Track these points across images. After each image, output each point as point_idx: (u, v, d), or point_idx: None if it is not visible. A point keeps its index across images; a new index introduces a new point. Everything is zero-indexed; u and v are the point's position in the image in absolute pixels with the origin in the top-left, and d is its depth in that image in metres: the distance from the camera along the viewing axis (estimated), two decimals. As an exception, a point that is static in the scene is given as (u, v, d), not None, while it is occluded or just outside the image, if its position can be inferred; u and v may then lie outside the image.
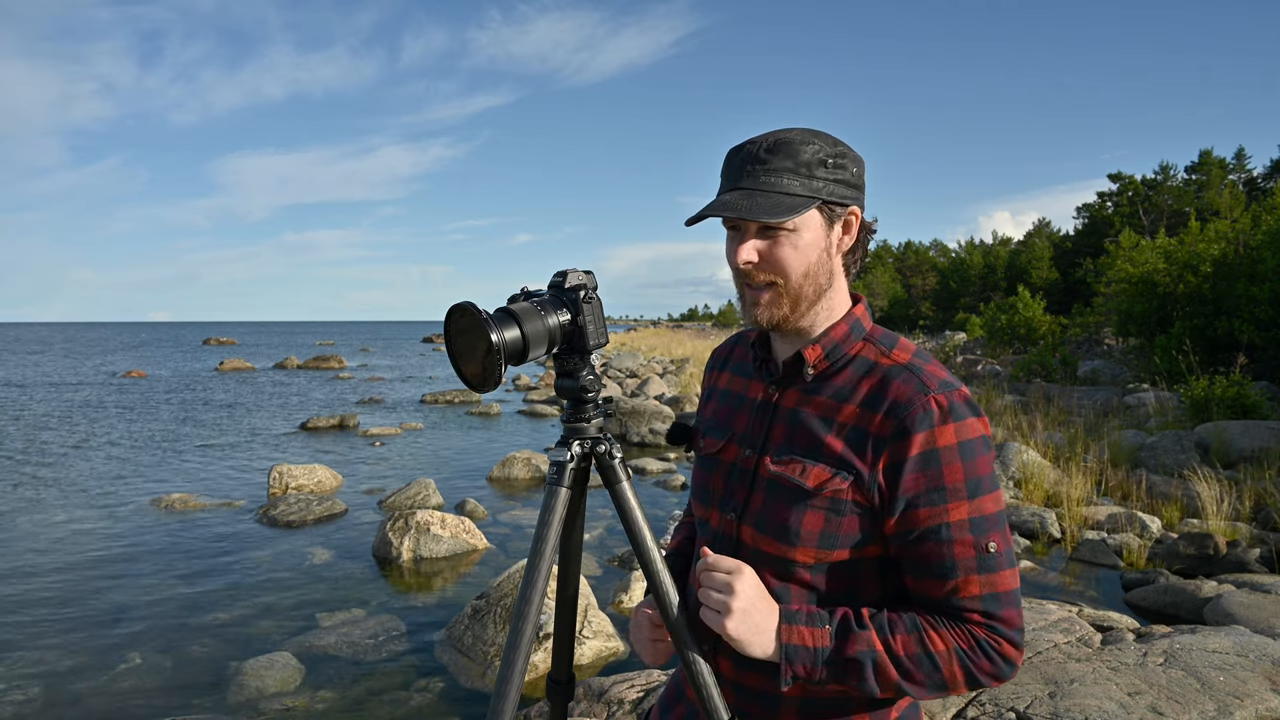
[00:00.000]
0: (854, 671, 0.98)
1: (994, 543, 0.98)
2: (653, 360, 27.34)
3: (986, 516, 0.99)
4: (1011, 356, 21.50)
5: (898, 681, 0.97)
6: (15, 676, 4.15)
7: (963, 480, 0.98)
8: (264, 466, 9.78)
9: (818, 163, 1.03)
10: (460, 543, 6.28)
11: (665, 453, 10.75)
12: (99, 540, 6.74)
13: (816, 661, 0.99)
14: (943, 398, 0.99)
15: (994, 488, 1.00)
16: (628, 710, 3.11)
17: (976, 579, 0.98)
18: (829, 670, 0.99)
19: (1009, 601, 0.99)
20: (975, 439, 1.00)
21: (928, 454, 0.98)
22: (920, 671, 0.97)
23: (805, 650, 0.99)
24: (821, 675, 0.99)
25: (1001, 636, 0.98)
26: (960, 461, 0.98)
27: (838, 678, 0.99)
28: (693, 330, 70.83)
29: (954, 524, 0.98)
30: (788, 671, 0.99)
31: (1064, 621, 3.46)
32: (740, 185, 1.03)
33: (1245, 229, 15.34)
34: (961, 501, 0.98)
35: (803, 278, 1.05)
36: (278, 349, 49.11)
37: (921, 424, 0.98)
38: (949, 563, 0.98)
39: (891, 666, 0.97)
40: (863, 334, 1.10)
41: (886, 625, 0.99)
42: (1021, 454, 7.82)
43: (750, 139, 1.07)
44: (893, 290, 54.68)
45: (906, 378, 1.02)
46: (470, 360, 1.05)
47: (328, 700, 3.90)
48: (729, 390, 1.24)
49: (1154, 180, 37.49)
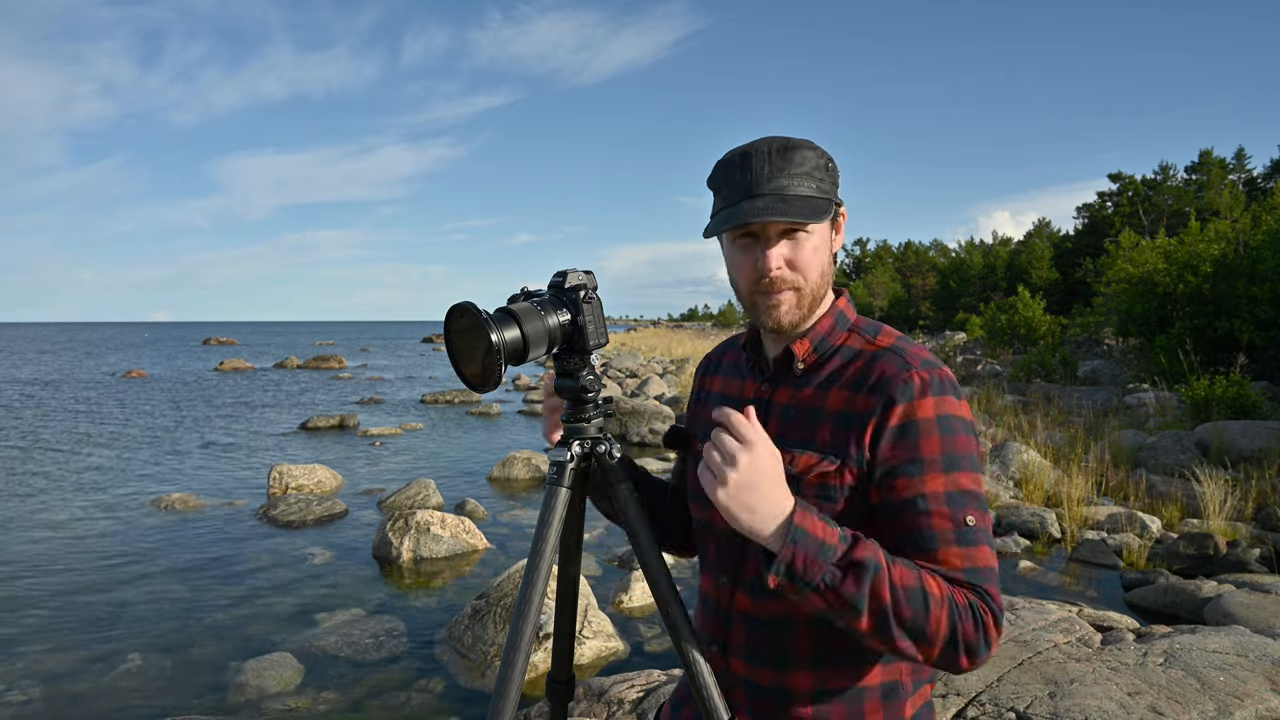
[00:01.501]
0: (853, 576, 0.90)
1: (972, 517, 0.97)
2: (653, 360, 27.34)
3: (964, 491, 0.98)
4: (1011, 356, 21.52)
5: (887, 606, 0.90)
6: (15, 676, 4.15)
7: (940, 453, 0.98)
8: (264, 466, 9.78)
9: (821, 167, 1.07)
10: (460, 543, 6.28)
11: (665, 453, 10.75)
12: (99, 540, 6.74)
13: (821, 554, 0.91)
14: (925, 373, 1.02)
15: (973, 468, 1.00)
16: (628, 710, 3.11)
17: (957, 550, 0.96)
18: (829, 571, 0.91)
19: (990, 577, 0.97)
20: (955, 416, 1.00)
21: (906, 424, 0.99)
22: (909, 606, 0.91)
23: (813, 539, 0.91)
24: (817, 573, 0.91)
25: (988, 607, 0.94)
26: (938, 434, 0.99)
27: (832, 581, 0.91)
28: (693, 330, 70.84)
29: (930, 495, 0.97)
30: (788, 553, 0.91)
31: (1064, 621, 3.46)
32: (763, 191, 1.04)
33: (1245, 229, 15.34)
34: (938, 474, 0.98)
35: (819, 278, 1.08)
36: (278, 349, 49.13)
37: (902, 396, 1.00)
38: (927, 534, 0.97)
39: (887, 588, 0.90)
40: (847, 324, 1.13)
41: (889, 557, 0.94)
42: (1021, 454, 7.82)
43: (749, 146, 1.07)
44: (893, 290, 54.70)
45: (890, 358, 1.04)
46: (470, 360, 1.05)
47: (328, 700, 3.90)
48: (723, 393, 1.25)
49: (1154, 180, 37.51)
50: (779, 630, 1.09)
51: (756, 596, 1.10)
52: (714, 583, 1.18)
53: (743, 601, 1.12)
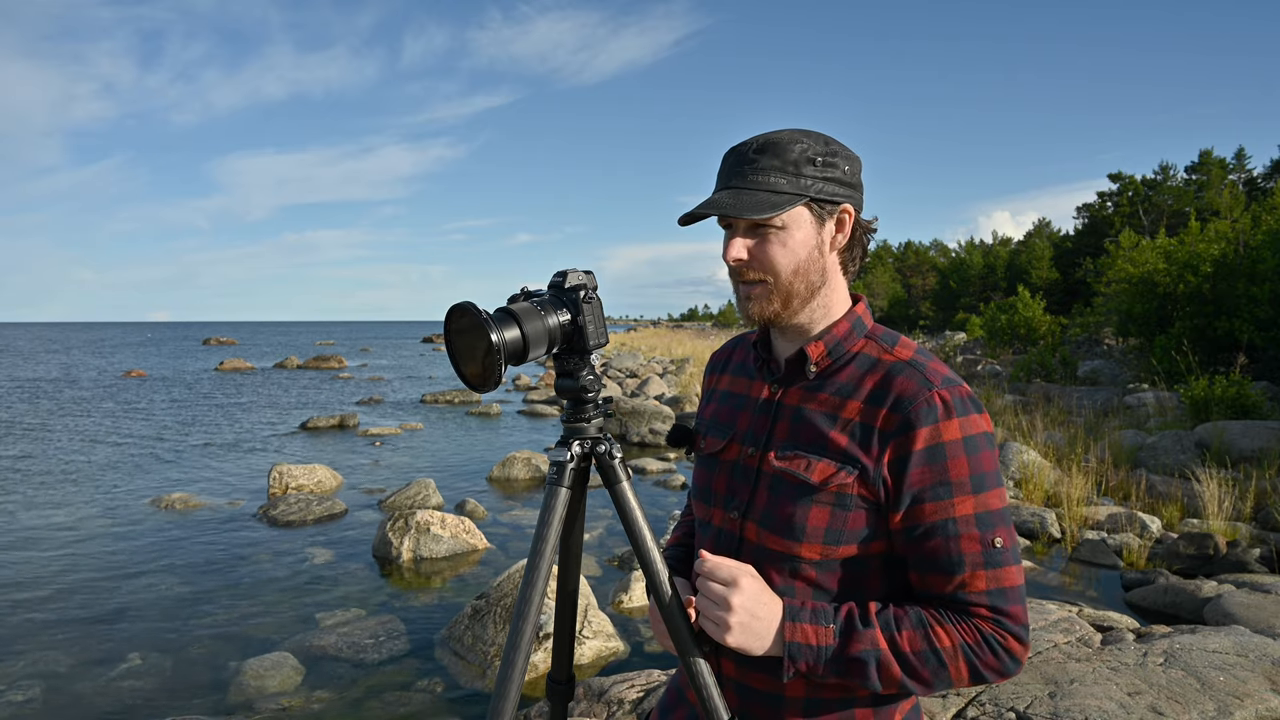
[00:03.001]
0: (857, 670, 0.98)
1: (1000, 538, 0.98)
2: (653, 360, 27.33)
3: (992, 512, 0.99)
4: (1011, 356, 21.51)
5: (901, 679, 0.98)
6: (15, 676, 4.15)
7: (968, 475, 0.98)
8: (264, 466, 9.78)
9: (805, 160, 1.03)
10: (460, 543, 6.28)
11: (665, 453, 10.75)
12: (99, 540, 6.74)
13: (819, 660, 0.99)
14: (946, 393, 1.00)
15: (999, 484, 1.00)
16: (628, 710, 3.11)
17: (983, 574, 0.98)
18: (832, 668, 0.99)
19: (1015, 597, 0.98)
20: (979, 435, 1.00)
21: (933, 449, 0.98)
22: (926, 668, 0.97)
23: (808, 649, 0.99)
24: (824, 672, 1.00)
25: (1008, 632, 0.98)
26: (965, 456, 0.98)
27: (841, 674, 0.99)
28: (693, 330, 70.82)
29: (960, 519, 0.98)
30: (790, 668, 1.00)
31: (1064, 621, 3.46)
32: (730, 185, 1.05)
33: (1245, 229, 15.33)
34: (967, 496, 0.98)
35: (792, 275, 1.06)
36: (278, 349, 49.13)
37: (926, 419, 0.98)
38: (955, 558, 0.98)
39: (895, 664, 0.97)
40: (864, 332, 1.11)
41: (892, 621, 0.99)
42: (1021, 454, 7.82)
43: (745, 140, 1.08)
44: (893, 290, 54.68)
45: (910, 374, 1.02)
46: (470, 360, 1.05)
47: (328, 700, 3.90)
48: (730, 391, 1.24)
49: (1154, 180, 37.47)
50: None
51: None
52: None
53: None
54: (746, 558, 1.10)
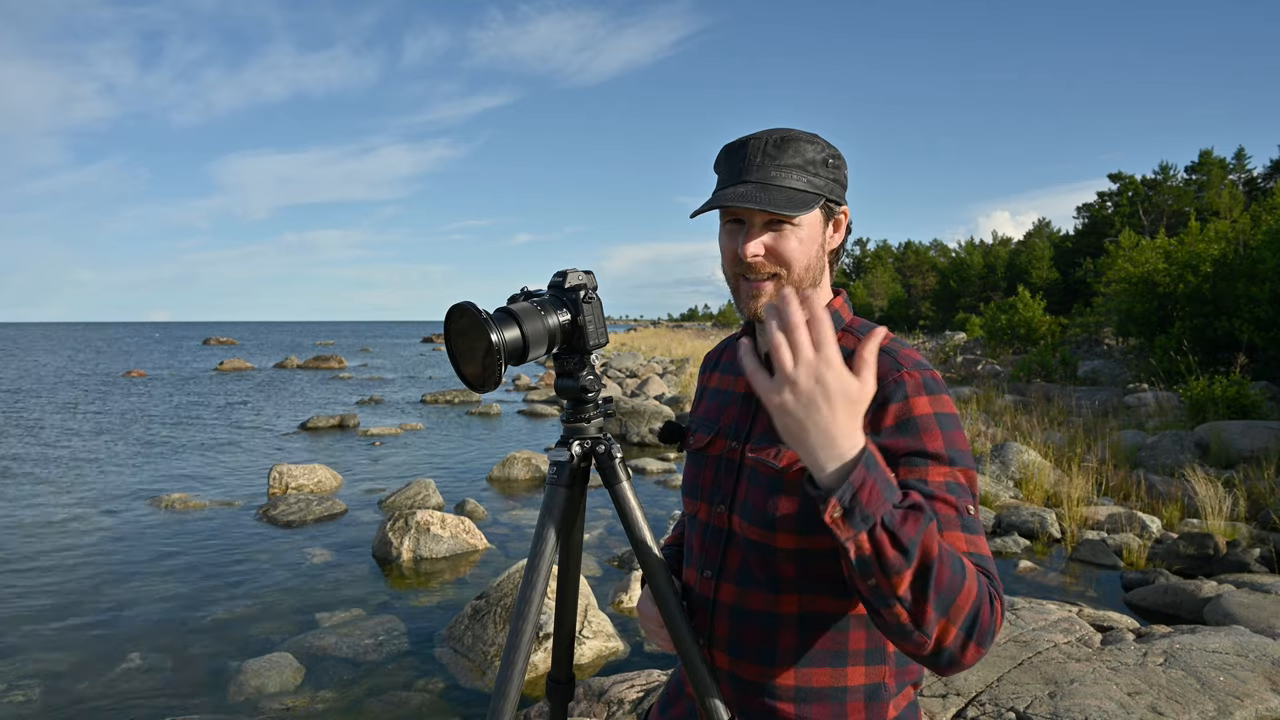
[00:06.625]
0: (912, 521, 0.81)
1: (972, 508, 0.97)
2: (653, 360, 27.33)
3: (962, 485, 0.97)
4: (1011, 356, 21.50)
5: (933, 562, 0.82)
6: (15, 676, 4.15)
7: (943, 447, 0.98)
8: (264, 466, 9.78)
9: (821, 162, 1.07)
10: (460, 543, 6.28)
11: (665, 453, 10.75)
12: (99, 540, 6.74)
13: (887, 491, 0.82)
14: (916, 374, 1.02)
15: (969, 465, 0.99)
16: (628, 710, 3.11)
17: (962, 536, 0.93)
18: (889, 510, 0.81)
19: (993, 566, 0.94)
20: (949, 414, 1.01)
21: (904, 421, 0.99)
22: (949, 568, 0.83)
23: (883, 473, 0.83)
24: (880, 509, 0.80)
25: (996, 592, 0.90)
26: (938, 430, 0.99)
27: (890, 523, 0.80)
28: (693, 330, 70.79)
29: (934, 483, 0.96)
30: (860, 477, 0.80)
31: (1064, 621, 3.46)
32: (749, 179, 1.05)
33: (1245, 229, 15.33)
34: (941, 465, 0.97)
35: (804, 271, 1.08)
36: (278, 349, 49.11)
37: (896, 395, 1.00)
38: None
39: (935, 542, 0.83)
40: (841, 324, 1.14)
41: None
42: (1021, 454, 7.82)
43: (752, 135, 1.09)
44: (893, 290, 54.68)
45: (881, 358, 1.03)
46: (470, 360, 1.05)
47: (328, 700, 3.90)
48: (719, 389, 1.27)
49: (1154, 180, 37.48)
50: (763, 624, 1.09)
51: (741, 588, 1.11)
52: (697, 575, 1.18)
53: (727, 594, 1.12)
54: (735, 552, 1.11)
